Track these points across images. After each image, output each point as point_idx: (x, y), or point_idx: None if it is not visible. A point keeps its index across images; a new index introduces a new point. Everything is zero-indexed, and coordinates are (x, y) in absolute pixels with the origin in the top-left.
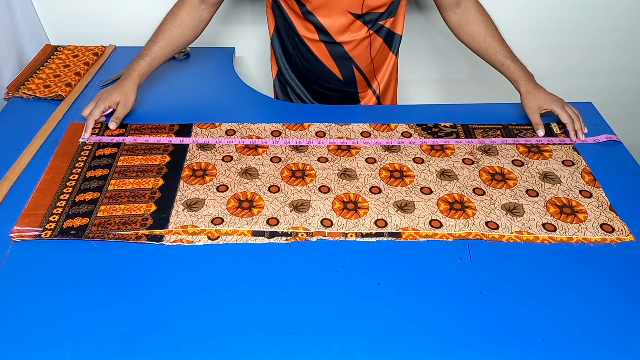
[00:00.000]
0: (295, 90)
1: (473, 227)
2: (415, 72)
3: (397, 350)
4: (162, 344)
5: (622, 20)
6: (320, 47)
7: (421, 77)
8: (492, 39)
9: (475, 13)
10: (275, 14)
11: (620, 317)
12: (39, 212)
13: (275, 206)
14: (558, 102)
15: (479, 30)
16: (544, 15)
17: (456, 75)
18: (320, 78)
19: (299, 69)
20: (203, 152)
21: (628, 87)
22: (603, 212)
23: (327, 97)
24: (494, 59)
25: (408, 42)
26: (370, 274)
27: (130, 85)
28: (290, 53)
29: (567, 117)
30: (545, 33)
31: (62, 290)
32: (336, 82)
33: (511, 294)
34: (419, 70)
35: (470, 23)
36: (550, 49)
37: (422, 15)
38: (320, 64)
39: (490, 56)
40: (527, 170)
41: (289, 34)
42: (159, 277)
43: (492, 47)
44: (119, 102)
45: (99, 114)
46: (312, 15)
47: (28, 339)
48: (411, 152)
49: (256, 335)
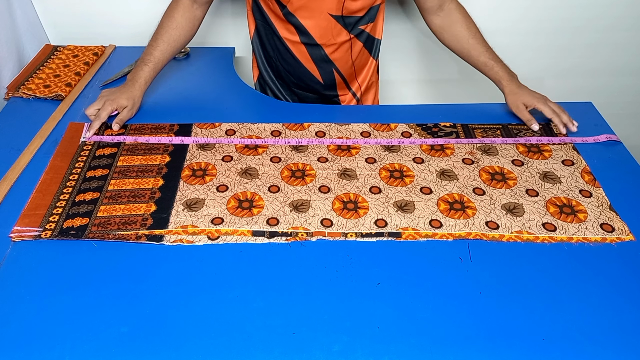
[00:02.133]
0: (275, 93)
1: (473, 227)
2: (401, 73)
3: (397, 350)
4: (162, 344)
5: (622, 20)
6: (301, 50)
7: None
8: (474, 40)
9: (458, 15)
10: (256, 15)
11: (620, 317)
12: (39, 212)
13: (275, 206)
14: (541, 99)
15: (462, 32)
16: (545, 15)
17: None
18: (300, 80)
19: (279, 72)
20: (203, 152)
21: (628, 87)
22: (603, 211)
23: (307, 99)
24: (476, 60)
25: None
26: (370, 274)
27: (138, 92)
28: (270, 55)
29: (550, 111)
30: (545, 33)
31: (62, 290)
32: (316, 85)
33: (511, 294)
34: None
35: (453, 25)
36: (551, 49)
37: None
38: (301, 66)
39: (473, 57)
40: (527, 170)
41: (269, 36)
42: (159, 277)
43: (475, 49)
44: (125, 107)
45: (107, 117)
46: (293, 16)
47: (28, 339)
48: (411, 152)
49: (256, 335)
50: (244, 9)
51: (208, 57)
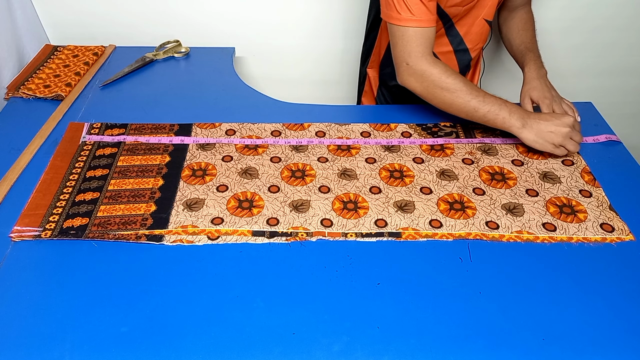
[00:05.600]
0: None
1: (473, 227)
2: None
3: (397, 350)
4: (162, 344)
5: (622, 20)
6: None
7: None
8: (524, 32)
9: (522, 13)
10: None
11: (620, 317)
12: (39, 212)
13: (275, 206)
14: (547, 98)
15: (517, 24)
16: (545, 15)
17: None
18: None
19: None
20: (203, 152)
21: (628, 87)
22: (603, 211)
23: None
24: (516, 50)
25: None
26: (370, 274)
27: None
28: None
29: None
30: (546, 33)
31: (62, 290)
32: None
33: (511, 294)
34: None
35: (515, 19)
36: (551, 50)
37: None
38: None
39: (514, 46)
40: (527, 170)
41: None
42: (159, 277)
43: (520, 38)
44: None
45: None
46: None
47: (28, 339)
48: (411, 152)
49: (256, 335)
50: (243, 9)
51: (208, 57)
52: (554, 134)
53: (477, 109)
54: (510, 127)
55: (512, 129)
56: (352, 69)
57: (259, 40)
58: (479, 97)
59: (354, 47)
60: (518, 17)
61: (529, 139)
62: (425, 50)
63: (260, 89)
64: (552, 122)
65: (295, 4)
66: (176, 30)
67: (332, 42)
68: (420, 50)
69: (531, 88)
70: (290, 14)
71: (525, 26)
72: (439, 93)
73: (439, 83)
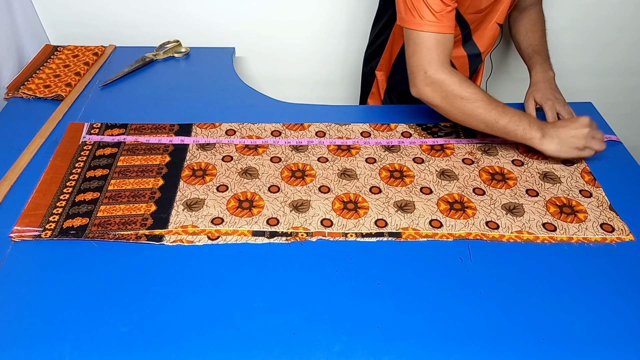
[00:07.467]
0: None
1: (473, 227)
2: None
3: (397, 350)
4: (162, 344)
5: (622, 20)
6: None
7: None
8: (532, 33)
9: (532, 13)
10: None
11: (621, 317)
12: (39, 212)
13: (275, 206)
14: (549, 100)
15: (527, 25)
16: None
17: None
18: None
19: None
20: (203, 152)
21: (628, 87)
22: (603, 211)
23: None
24: (525, 51)
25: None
26: (370, 274)
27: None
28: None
29: (551, 117)
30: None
31: (62, 290)
32: None
33: (511, 294)
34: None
35: (524, 19)
36: (551, 50)
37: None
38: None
39: (523, 48)
40: (527, 170)
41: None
42: (159, 277)
43: (529, 40)
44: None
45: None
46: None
47: (28, 339)
48: (411, 152)
49: (256, 335)
50: (243, 9)
51: (208, 57)
52: (576, 138)
53: (498, 119)
54: (532, 138)
55: (533, 141)
56: (353, 69)
57: (259, 40)
58: (499, 108)
59: (355, 47)
60: (527, 17)
61: (551, 150)
62: (445, 59)
63: (260, 89)
64: (570, 127)
65: (296, 4)
66: (176, 30)
67: (333, 42)
68: (440, 59)
69: (535, 90)
70: (290, 14)
71: (534, 27)
72: (458, 103)
73: (459, 93)
